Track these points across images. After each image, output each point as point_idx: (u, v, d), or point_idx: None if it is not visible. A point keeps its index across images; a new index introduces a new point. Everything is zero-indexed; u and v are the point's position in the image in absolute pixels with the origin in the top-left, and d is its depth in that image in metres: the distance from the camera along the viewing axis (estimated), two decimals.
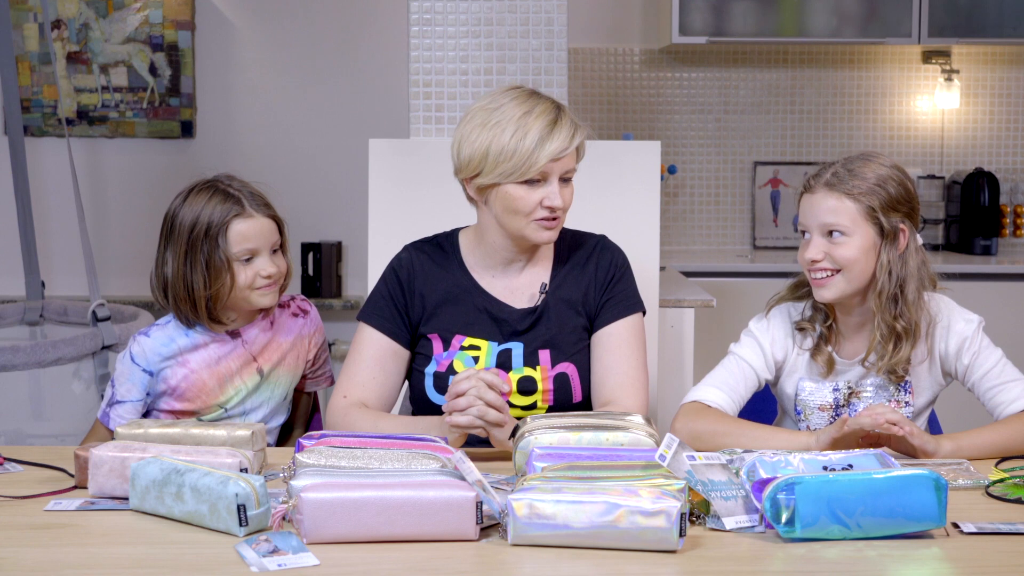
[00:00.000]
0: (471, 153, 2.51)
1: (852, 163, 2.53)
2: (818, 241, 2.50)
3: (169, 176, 5.32)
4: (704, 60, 5.56)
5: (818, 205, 2.50)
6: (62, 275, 5.16)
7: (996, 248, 5.38)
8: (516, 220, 2.52)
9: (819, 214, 2.50)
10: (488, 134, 2.49)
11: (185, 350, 2.69)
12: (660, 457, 2.02)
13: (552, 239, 2.56)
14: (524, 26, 3.55)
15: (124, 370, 2.70)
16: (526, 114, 2.48)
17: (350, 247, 5.40)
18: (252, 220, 2.64)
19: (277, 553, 1.84)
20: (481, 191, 2.55)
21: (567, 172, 2.53)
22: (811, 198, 2.52)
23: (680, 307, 3.64)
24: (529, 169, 2.48)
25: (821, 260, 2.49)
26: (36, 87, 5.37)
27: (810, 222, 2.52)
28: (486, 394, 2.34)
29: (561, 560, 1.87)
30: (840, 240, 2.49)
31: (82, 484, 2.18)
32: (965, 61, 5.55)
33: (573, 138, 2.50)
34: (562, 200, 2.51)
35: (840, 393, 2.57)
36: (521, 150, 2.47)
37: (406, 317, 2.62)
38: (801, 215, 2.55)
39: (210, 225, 2.62)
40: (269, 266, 2.65)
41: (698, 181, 5.62)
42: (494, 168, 2.49)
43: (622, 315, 2.63)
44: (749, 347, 2.62)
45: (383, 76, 5.37)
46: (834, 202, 2.49)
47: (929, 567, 1.88)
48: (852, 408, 2.56)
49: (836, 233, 2.49)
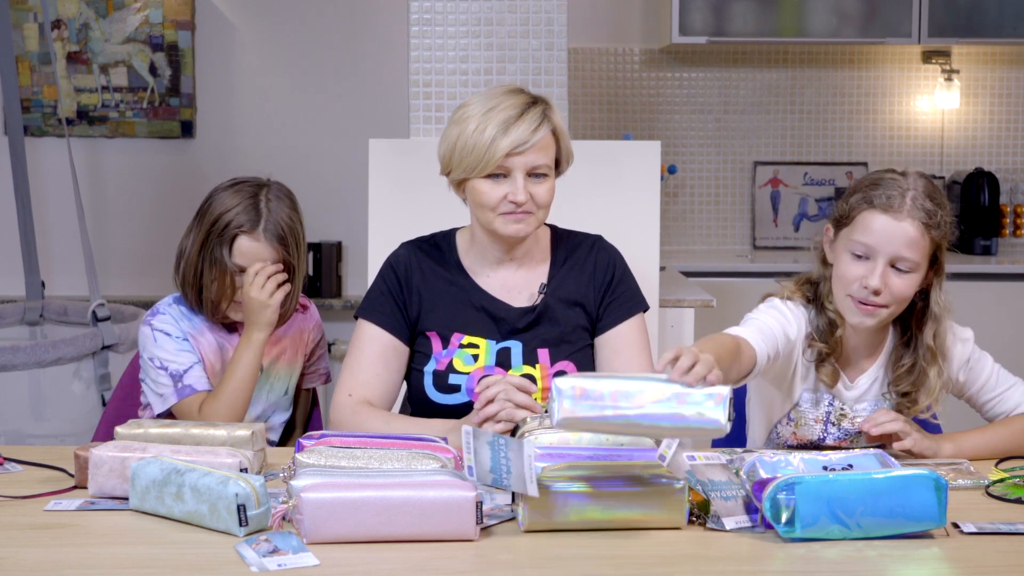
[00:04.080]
0: (444, 150, 2.54)
1: (927, 188, 2.38)
2: (884, 270, 2.34)
3: (169, 176, 5.32)
4: (704, 60, 5.56)
5: (898, 232, 2.33)
6: (62, 275, 5.16)
7: (996, 248, 5.38)
8: (484, 214, 2.53)
9: (896, 243, 2.34)
10: (456, 129, 2.51)
11: (194, 332, 2.70)
12: (660, 457, 2.02)
13: (520, 232, 2.53)
14: (524, 26, 3.55)
15: (167, 347, 2.66)
16: (491, 109, 2.48)
17: (350, 247, 5.40)
18: (256, 243, 2.65)
19: (277, 553, 1.84)
20: (458, 187, 2.56)
21: (535, 167, 2.49)
22: (891, 221, 2.34)
23: (680, 307, 3.65)
24: (488, 163, 2.46)
25: (882, 292, 2.35)
26: (36, 87, 5.37)
27: (882, 247, 2.34)
28: (515, 396, 2.35)
29: (561, 560, 1.87)
30: (904, 275, 2.35)
31: (82, 484, 2.17)
32: (965, 61, 5.55)
33: (535, 131, 2.46)
34: (527, 195, 2.48)
35: (834, 410, 2.52)
36: (480, 143, 2.46)
37: (405, 313, 2.61)
38: (868, 234, 2.35)
39: (225, 228, 2.63)
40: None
41: (698, 181, 5.62)
42: (460, 163, 2.50)
43: (626, 316, 2.63)
44: (769, 315, 2.46)
45: (383, 76, 5.37)
46: (916, 235, 2.34)
47: (929, 567, 1.88)
48: (841, 428, 2.53)
49: (902, 265, 2.35)
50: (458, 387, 2.56)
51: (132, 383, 2.94)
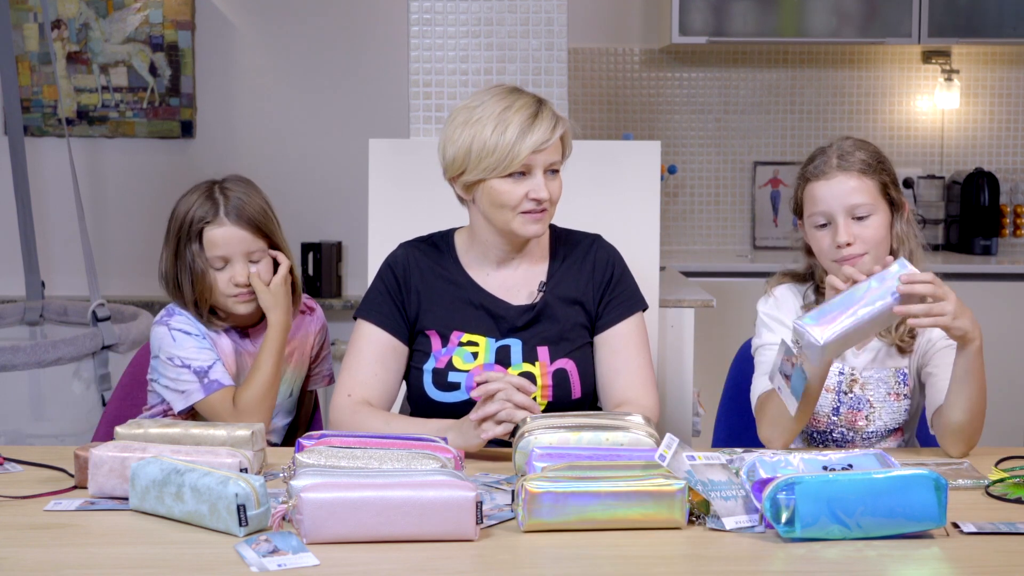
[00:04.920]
0: (455, 152, 2.53)
1: (847, 146, 2.54)
2: (847, 224, 2.49)
3: (169, 176, 5.32)
4: (704, 60, 5.56)
5: (838, 188, 2.50)
6: (62, 275, 5.16)
7: (996, 248, 5.38)
8: (503, 214, 2.53)
9: (843, 196, 2.49)
10: (470, 131, 2.51)
11: (211, 334, 2.71)
12: (660, 457, 2.03)
13: (539, 232, 2.56)
14: (524, 26, 3.55)
15: (188, 345, 2.67)
16: (506, 109, 2.50)
17: (350, 247, 5.40)
18: (222, 228, 2.65)
19: (277, 553, 1.84)
20: (468, 189, 2.56)
21: (551, 164, 2.54)
22: (827, 184, 2.50)
23: (680, 307, 3.64)
24: (512, 162, 2.49)
25: (854, 243, 2.48)
26: (36, 87, 5.37)
27: (833, 207, 2.50)
28: (514, 396, 2.36)
29: (561, 560, 1.87)
30: (866, 220, 2.49)
31: (82, 484, 2.17)
32: (965, 61, 5.55)
33: (554, 130, 2.51)
34: (548, 192, 2.52)
35: (844, 377, 2.57)
36: (502, 144, 2.48)
37: (404, 312, 2.62)
38: (816, 203, 2.52)
39: (190, 227, 2.66)
40: (240, 275, 2.66)
41: (698, 181, 5.62)
42: (478, 164, 2.51)
43: (625, 315, 2.64)
44: (771, 331, 2.60)
45: (383, 76, 5.37)
46: (855, 182, 2.50)
47: (929, 567, 1.88)
48: (853, 394, 2.57)
49: (861, 213, 2.48)
50: (457, 385, 2.56)
51: (132, 383, 2.94)
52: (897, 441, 2.62)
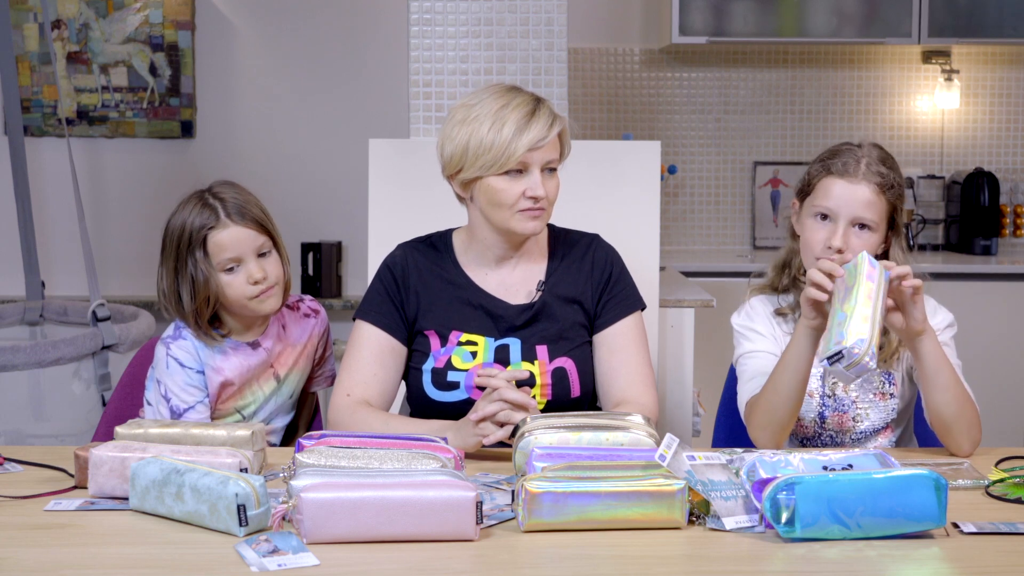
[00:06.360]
0: (452, 149, 2.54)
1: (877, 155, 2.52)
2: (845, 231, 2.48)
3: (169, 176, 5.32)
4: (704, 60, 5.56)
5: (857, 193, 2.48)
6: (62, 275, 5.16)
7: (996, 248, 5.38)
8: (500, 212, 2.54)
9: (856, 204, 2.48)
10: (467, 129, 2.52)
11: (215, 355, 2.68)
12: (660, 457, 2.03)
13: (537, 230, 2.57)
14: (524, 26, 3.55)
15: (176, 379, 2.64)
16: (503, 107, 2.51)
17: (350, 247, 5.40)
18: (227, 230, 2.62)
19: (277, 553, 1.84)
20: (465, 187, 2.57)
21: (548, 163, 2.54)
22: (848, 186, 2.48)
23: (680, 307, 3.64)
24: (508, 159, 2.49)
25: (845, 251, 2.46)
26: (36, 87, 5.37)
27: (841, 209, 2.48)
28: (507, 394, 2.36)
29: (561, 560, 1.87)
30: (865, 234, 2.48)
31: (82, 484, 2.18)
32: (965, 61, 5.55)
33: (551, 127, 2.52)
34: (545, 190, 2.52)
35: (826, 383, 2.57)
36: (499, 141, 2.49)
37: (402, 313, 2.62)
38: (828, 198, 2.50)
39: (191, 237, 2.61)
40: (256, 271, 2.63)
41: (698, 181, 5.62)
42: (475, 161, 2.51)
43: (624, 314, 2.64)
44: (750, 340, 2.60)
45: (383, 76, 5.37)
46: (872, 196, 2.48)
47: (929, 567, 1.88)
48: (836, 398, 2.57)
49: (863, 226, 2.48)
50: (457, 384, 2.57)
51: (132, 383, 2.94)
52: (888, 438, 2.61)
